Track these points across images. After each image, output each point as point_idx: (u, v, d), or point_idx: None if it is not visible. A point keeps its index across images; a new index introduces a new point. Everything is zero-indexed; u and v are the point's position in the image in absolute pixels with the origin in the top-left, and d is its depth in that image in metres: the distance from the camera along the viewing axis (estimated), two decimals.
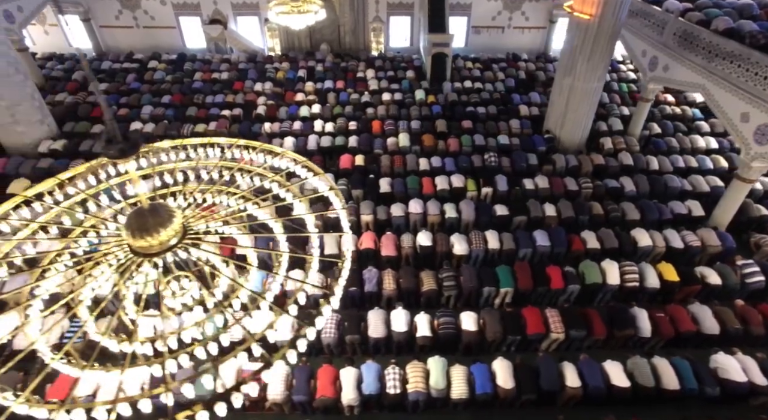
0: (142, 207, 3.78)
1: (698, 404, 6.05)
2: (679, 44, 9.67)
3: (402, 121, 12.14)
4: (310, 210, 3.77)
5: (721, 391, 5.97)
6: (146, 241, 3.52)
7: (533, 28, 17.74)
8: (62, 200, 3.76)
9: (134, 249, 3.58)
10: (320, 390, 5.80)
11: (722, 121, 8.78)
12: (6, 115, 10.98)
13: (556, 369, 6.08)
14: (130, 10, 18.10)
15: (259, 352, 2.83)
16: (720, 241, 8.11)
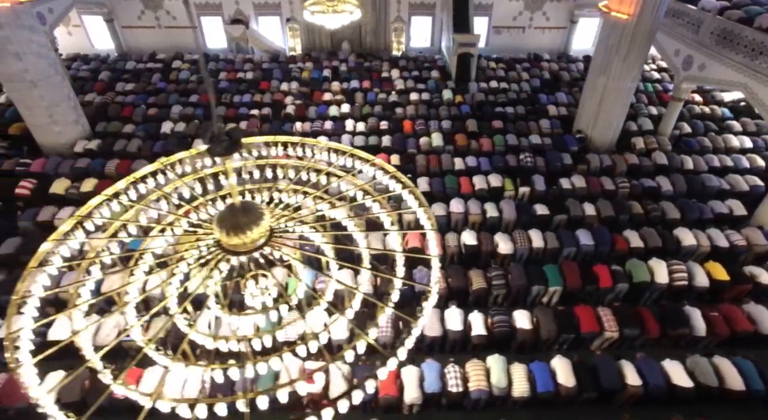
0: (234, 204, 3.72)
1: (764, 406, 5.97)
2: (717, 43, 9.59)
3: (432, 120, 12.07)
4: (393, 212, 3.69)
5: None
6: (239, 239, 3.46)
7: (554, 28, 17.65)
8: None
9: (224, 246, 3.52)
10: (383, 389, 5.75)
11: (765, 116, 8.71)
12: (45, 115, 10.95)
13: (614, 367, 6.02)
14: (153, 10, 18.03)
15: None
16: (767, 240, 8.03)
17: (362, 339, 3.82)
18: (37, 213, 9.01)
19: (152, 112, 12.93)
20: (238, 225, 3.51)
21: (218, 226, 3.38)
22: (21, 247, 8.27)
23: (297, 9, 17.97)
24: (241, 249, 3.52)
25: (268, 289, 4.06)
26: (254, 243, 3.62)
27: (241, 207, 3.63)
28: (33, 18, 10.35)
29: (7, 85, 10.56)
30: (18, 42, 9.87)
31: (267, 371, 3.02)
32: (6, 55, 9.88)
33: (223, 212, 3.42)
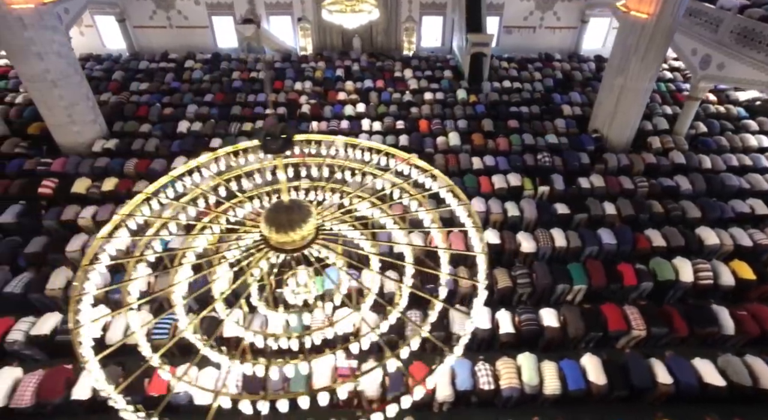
0: (282, 202, 3.72)
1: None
2: (737, 41, 9.57)
3: (448, 120, 12.06)
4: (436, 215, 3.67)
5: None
6: (287, 237, 3.47)
7: (564, 28, 17.62)
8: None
9: (271, 243, 3.52)
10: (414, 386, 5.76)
11: None
12: (64, 115, 10.97)
13: (645, 365, 6.02)
14: (165, 10, 18.03)
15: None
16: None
17: (417, 336, 3.83)
18: (60, 212, 9.02)
19: (167, 111, 12.93)
20: (287, 223, 3.51)
21: (266, 222, 3.38)
22: (47, 245, 8.29)
23: (308, 8, 17.97)
24: (288, 247, 3.53)
25: (308, 288, 4.08)
26: (302, 241, 3.63)
27: (289, 204, 3.64)
28: (54, 18, 10.36)
29: (28, 85, 10.59)
30: (41, 42, 9.88)
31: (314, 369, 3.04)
32: (29, 56, 9.89)
33: (271, 209, 3.42)
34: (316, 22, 18.11)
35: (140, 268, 3.63)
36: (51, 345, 6.74)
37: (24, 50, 9.82)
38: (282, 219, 3.58)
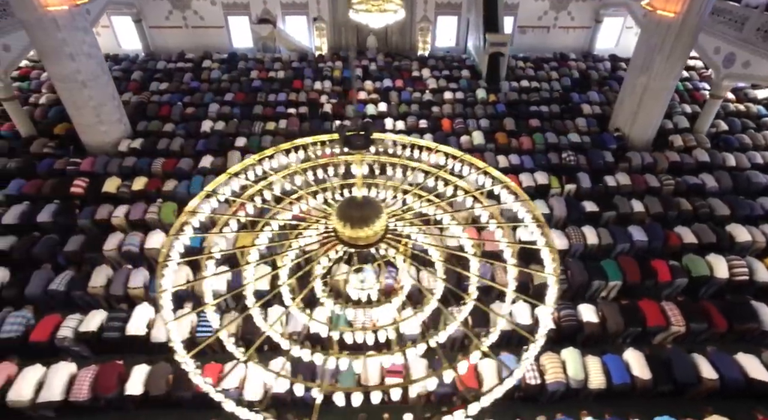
0: (355, 198, 3.78)
1: None
2: (764, 39, 9.60)
3: (470, 119, 12.11)
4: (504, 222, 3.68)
5: None
6: (359, 233, 3.53)
7: (578, 27, 17.66)
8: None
9: (341, 237, 3.58)
10: (464, 380, 5.84)
11: None
12: (92, 115, 11.00)
13: (689, 360, 6.08)
14: (180, 10, 18.04)
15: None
16: None
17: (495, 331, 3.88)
18: (94, 211, 9.08)
19: (189, 111, 12.96)
20: (360, 218, 3.56)
21: (339, 217, 3.44)
22: (84, 244, 8.35)
23: (324, 8, 17.98)
24: (359, 242, 3.59)
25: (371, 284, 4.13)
26: (373, 237, 3.69)
27: (362, 201, 3.69)
28: (84, 19, 10.41)
29: (59, 85, 10.61)
30: (73, 43, 9.91)
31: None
32: (62, 57, 9.92)
33: (344, 204, 3.47)
34: (332, 22, 18.13)
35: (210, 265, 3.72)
36: (97, 342, 6.82)
37: (57, 51, 9.84)
38: (355, 215, 3.64)
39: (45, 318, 6.81)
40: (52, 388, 5.84)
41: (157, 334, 6.72)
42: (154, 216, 9.07)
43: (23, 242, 8.27)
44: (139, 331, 6.67)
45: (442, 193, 3.84)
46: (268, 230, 4.09)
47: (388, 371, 6.01)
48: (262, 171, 3.90)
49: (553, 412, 5.84)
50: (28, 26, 9.61)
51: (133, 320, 6.74)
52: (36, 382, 5.87)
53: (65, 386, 5.87)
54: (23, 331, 6.69)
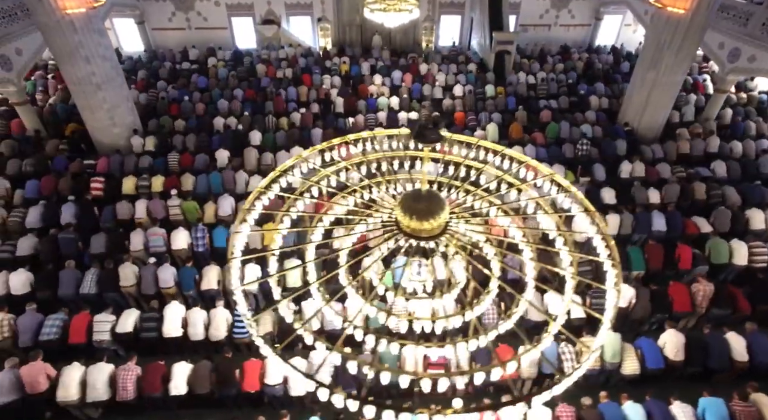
0: (419, 191, 3.85)
1: None
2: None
3: (482, 113, 12.19)
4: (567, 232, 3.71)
5: None
6: (422, 224, 3.61)
7: (578, 25, 17.91)
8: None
9: (403, 228, 3.66)
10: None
11: None
12: (106, 117, 10.89)
13: (725, 345, 6.13)
14: (184, 12, 17.93)
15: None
16: None
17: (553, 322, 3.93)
18: (114, 211, 9.01)
19: (199, 108, 12.86)
20: (424, 211, 3.65)
21: (402, 209, 3.52)
22: (109, 244, 8.29)
23: (328, 8, 17.98)
24: (421, 234, 3.67)
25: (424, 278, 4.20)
26: (434, 230, 3.77)
27: (426, 194, 3.77)
28: (100, 21, 10.32)
29: (74, 88, 10.47)
30: (89, 46, 9.82)
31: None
32: (78, 59, 9.82)
33: (409, 196, 3.55)
34: (336, 22, 18.15)
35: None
36: (134, 341, 6.82)
37: (73, 54, 9.74)
38: (420, 207, 3.72)
39: (75, 318, 6.73)
40: (97, 387, 5.81)
41: (195, 331, 6.71)
42: (177, 214, 9.05)
43: (47, 243, 8.18)
44: (176, 332, 6.66)
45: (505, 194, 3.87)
46: (328, 218, 4.20)
47: (430, 364, 6.09)
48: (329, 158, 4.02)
49: (587, 395, 5.93)
50: (45, 29, 9.50)
51: (168, 321, 6.68)
52: (79, 381, 5.85)
53: (107, 386, 5.85)
54: (61, 333, 6.66)
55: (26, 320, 6.55)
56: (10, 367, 5.73)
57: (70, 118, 12.36)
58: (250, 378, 6.00)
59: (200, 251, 8.31)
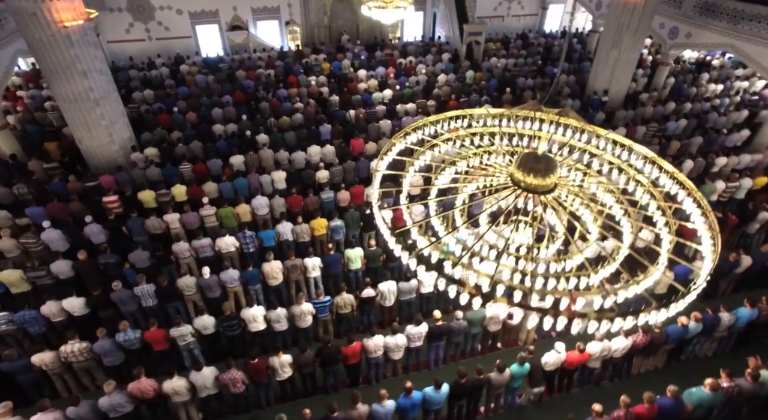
0: (535, 152, 4.55)
1: None
2: (700, 14, 11.51)
3: (473, 96, 12.87)
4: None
5: None
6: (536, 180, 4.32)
7: (528, 15, 19.37)
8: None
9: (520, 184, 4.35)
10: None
11: (755, 68, 10.78)
12: (105, 134, 10.11)
13: None
14: (143, 22, 17.01)
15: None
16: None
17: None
18: (143, 224, 8.60)
19: (191, 117, 12.36)
20: (540, 169, 4.34)
21: (520, 167, 4.19)
22: (152, 257, 8.00)
23: (296, 11, 17.93)
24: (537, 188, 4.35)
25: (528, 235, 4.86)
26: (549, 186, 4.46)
27: (542, 156, 4.46)
28: (93, 34, 9.69)
29: (68, 106, 9.52)
30: (85, 60, 9.16)
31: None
32: (74, 75, 9.10)
33: (526, 157, 4.21)
34: (304, 24, 18.11)
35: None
36: (213, 343, 6.79)
37: (69, 69, 9.03)
38: (537, 166, 4.39)
39: (149, 332, 6.49)
40: (208, 388, 5.81)
41: (280, 327, 6.80)
42: (213, 221, 8.87)
43: (89, 267, 7.70)
44: (261, 326, 6.71)
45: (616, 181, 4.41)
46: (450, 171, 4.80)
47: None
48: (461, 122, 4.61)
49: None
50: (38, 45, 8.71)
51: (248, 319, 6.70)
52: (187, 386, 5.77)
53: (213, 382, 5.83)
54: (140, 347, 6.44)
55: (104, 344, 6.23)
56: (114, 391, 5.47)
57: (45, 139, 11.47)
58: (351, 355, 6.23)
59: (250, 252, 8.27)
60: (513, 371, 5.70)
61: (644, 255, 5.34)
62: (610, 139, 4.47)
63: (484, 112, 4.87)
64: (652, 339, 6.11)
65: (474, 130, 4.84)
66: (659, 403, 5.23)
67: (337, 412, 5.17)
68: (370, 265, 7.81)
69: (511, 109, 4.86)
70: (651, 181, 4.24)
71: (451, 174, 5.05)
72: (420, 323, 6.16)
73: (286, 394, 6.50)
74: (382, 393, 5.30)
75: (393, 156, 4.61)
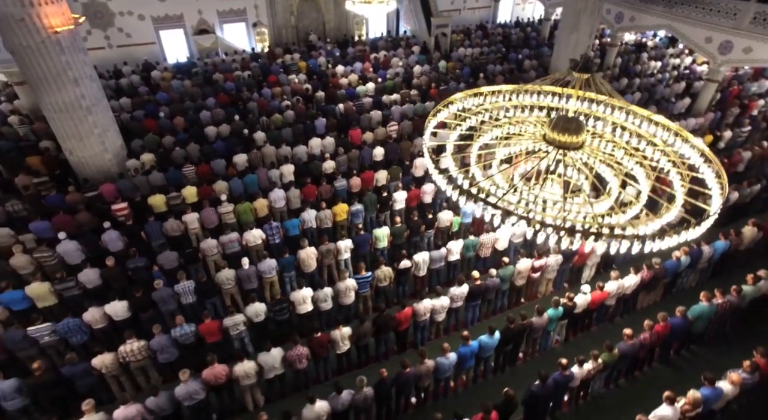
0: (566, 115, 5.36)
1: None
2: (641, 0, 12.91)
3: (452, 83, 13.55)
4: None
5: None
6: (564, 137, 5.14)
7: (482, 7, 20.39)
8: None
9: (552, 142, 5.17)
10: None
11: (689, 45, 12.26)
12: (98, 143, 9.66)
13: None
14: (101, 29, 16.15)
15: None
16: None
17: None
18: (161, 228, 8.48)
19: (179, 122, 12.01)
20: (572, 128, 5.15)
21: (553, 127, 5.01)
22: (180, 256, 7.93)
23: (262, 13, 17.72)
24: (568, 145, 5.15)
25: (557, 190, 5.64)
26: (578, 143, 5.27)
27: (572, 118, 5.26)
28: (81, 39, 9.25)
29: (57, 116, 8.97)
30: (76, 66, 8.79)
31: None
32: (65, 82, 8.68)
33: (559, 118, 5.01)
34: (271, 25, 17.95)
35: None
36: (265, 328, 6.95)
37: (60, 77, 8.62)
38: (569, 125, 5.19)
39: (203, 325, 6.54)
40: (275, 368, 5.99)
41: (326, 306, 7.05)
42: (231, 218, 8.88)
43: (117, 273, 7.52)
44: (308, 308, 6.94)
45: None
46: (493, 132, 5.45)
47: (533, 268, 7.37)
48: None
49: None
50: (26, 52, 8.18)
51: (298, 301, 6.91)
52: (256, 369, 5.92)
53: (281, 362, 6.02)
54: (194, 340, 6.47)
55: (161, 340, 6.21)
56: (191, 378, 5.55)
57: (23, 154, 10.79)
58: (403, 320, 6.64)
59: (276, 243, 8.42)
60: (550, 314, 6.37)
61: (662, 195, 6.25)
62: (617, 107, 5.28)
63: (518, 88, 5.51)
64: (654, 274, 7.04)
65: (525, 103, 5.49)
66: (671, 322, 6.13)
67: (409, 368, 5.58)
68: (395, 242, 8.22)
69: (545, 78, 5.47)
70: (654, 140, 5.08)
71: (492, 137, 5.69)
72: (462, 283, 6.69)
73: (342, 367, 6.79)
74: (445, 346, 5.77)
75: (442, 117, 5.24)
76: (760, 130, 11.68)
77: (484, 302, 7.26)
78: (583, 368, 5.57)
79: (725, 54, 11.47)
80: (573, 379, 5.49)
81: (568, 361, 5.42)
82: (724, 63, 11.67)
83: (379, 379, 5.47)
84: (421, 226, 8.23)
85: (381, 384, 5.47)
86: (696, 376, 5.53)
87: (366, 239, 7.98)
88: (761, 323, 7.13)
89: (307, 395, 5.19)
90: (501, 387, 5.35)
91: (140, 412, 5.22)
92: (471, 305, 7.07)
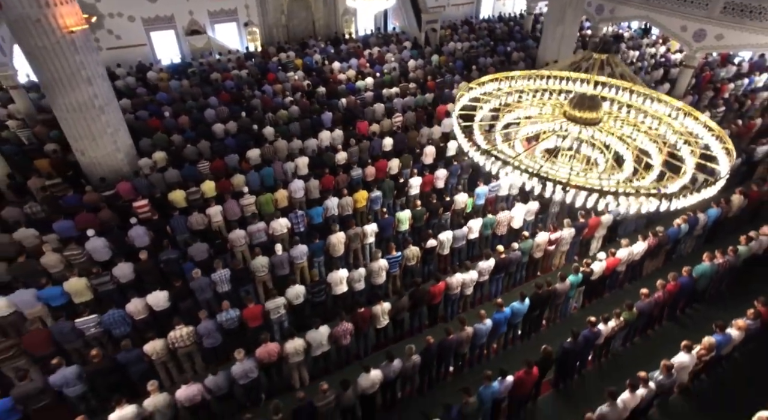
0: (585, 94, 5.86)
1: None
2: None
3: (447, 75, 13.90)
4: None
5: None
6: (581, 113, 5.69)
7: (465, 3, 20.88)
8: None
9: (572, 118, 5.71)
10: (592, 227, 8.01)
11: (666, 33, 13.04)
12: (110, 142, 9.59)
13: None
14: (91, 31, 15.73)
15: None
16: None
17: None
18: (185, 223, 8.56)
19: (184, 121, 11.99)
20: (590, 105, 5.70)
21: (572, 104, 5.55)
22: (209, 250, 8.03)
23: (253, 13, 17.68)
24: (587, 121, 5.69)
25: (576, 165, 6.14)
26: (596, 119, 5.80)
27: (590, 96, 5.78)
28: (92, 38, 9.15)
29: (70, 116, 8.87)
30: (89, 66, 8.72)
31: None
32: (80, 82, 8.59)
33: (577, 96, 5.53)
34: (263, 24, 17.92)
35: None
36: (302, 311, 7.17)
37: (74, 76, 8.53)
38: (587, 102, 5.72)
39: (247, 310, 6.70)
40: (323, 345, 6.23)
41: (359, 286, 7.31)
42: (253, 210, 9.02)
43: (150, 267, 7.56)
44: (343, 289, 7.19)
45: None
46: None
47: (550, 241, 7.83)
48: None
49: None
50: (42, 53, 8.08)
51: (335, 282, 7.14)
52: (305, 346, 6.14)
53: (327, 340, 6.24)
54: (237, 325, 6.64)
55: (207, 325, 6.35)
56: (246, 357, 5.73)
57: (30, 157, 10.60)
58: (437, 294, 6.98)
59: (301, 231, 8.62)
60: (571, 280, 6.84)
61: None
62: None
63: (546, 73, 5.95)
64: (659, 241, 7.61)
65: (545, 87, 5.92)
66: (680, 281, 6.69)
67: (452, 335, 5.93)
68: (416, 225, 8.55)
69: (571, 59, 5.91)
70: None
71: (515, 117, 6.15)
72: (489, 257, 7.08)
73: (379, 341, 7.08)
74: (482, 312, 6.15)
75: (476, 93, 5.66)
76: (733, 111, 12.54)
77: (506, 275, 7.67)
78: (608, 325, 6.04)
79: (699, 41, 12.28)
80: (600, 336, 5.95)
81: (596, 319, 5.87)
82: (699, 49, 12.49)
83: (425, 345, 5.79)
84: (440, 208, 8.59)
85: (427, 350, 5.80)
86: (700, 332, 6.14)
87: (390, 222, 8.28)
88: (753, 282, 7.80)
89: (362, 364, 5.46)
90: (528, 353, 5.77)
91: (200, 391, 5.39)
92: (495, 278, 7.48)
